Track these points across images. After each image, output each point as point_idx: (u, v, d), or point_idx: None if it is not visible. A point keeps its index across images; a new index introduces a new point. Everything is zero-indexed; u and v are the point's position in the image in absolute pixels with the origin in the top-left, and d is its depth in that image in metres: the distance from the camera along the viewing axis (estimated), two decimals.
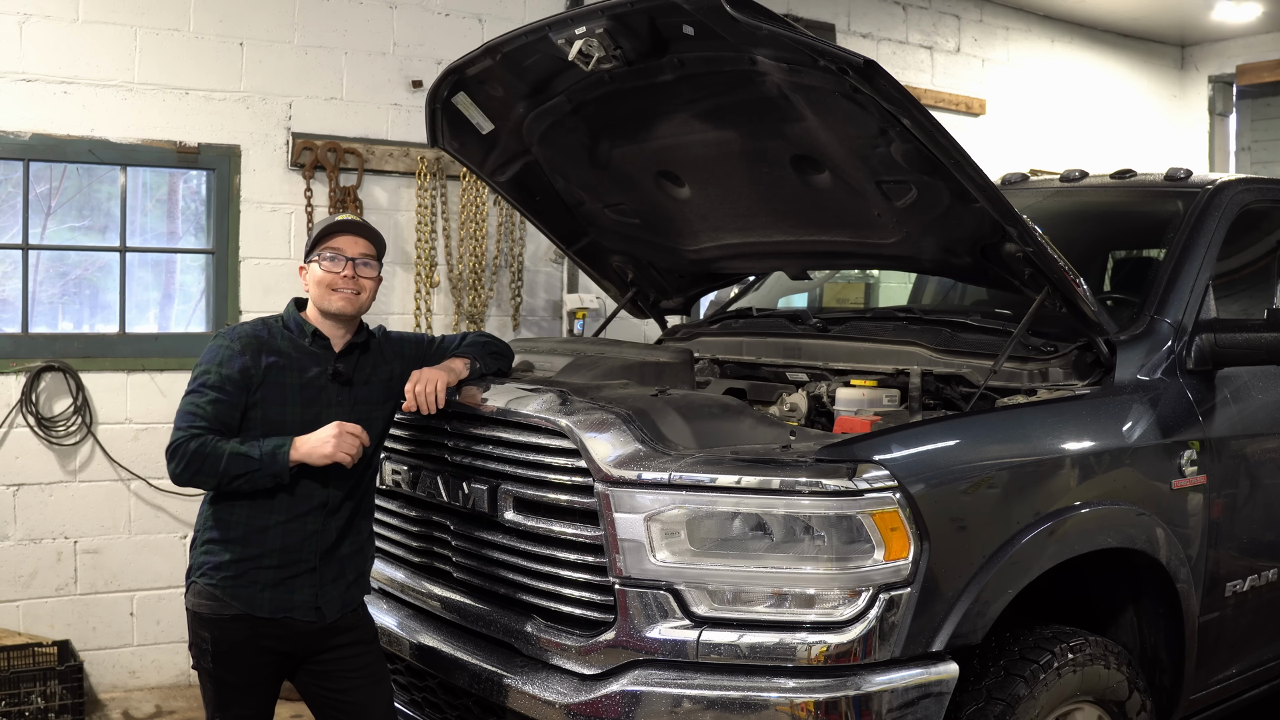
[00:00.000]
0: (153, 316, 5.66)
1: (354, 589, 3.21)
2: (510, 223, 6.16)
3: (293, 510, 3.06)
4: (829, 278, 5.84)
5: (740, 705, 2.70)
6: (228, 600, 3.03)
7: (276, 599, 3.05)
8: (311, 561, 3.09)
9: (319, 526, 3.10)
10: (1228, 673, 3.78)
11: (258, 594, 3.04)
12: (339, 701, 3.18)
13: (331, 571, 3.13)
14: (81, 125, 5.15)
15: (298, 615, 3.08)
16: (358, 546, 3.23)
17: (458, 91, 3.88)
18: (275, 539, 3.05)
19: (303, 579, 3.08)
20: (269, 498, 3.03)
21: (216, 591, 3.04)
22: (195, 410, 2.99)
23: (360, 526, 3.23)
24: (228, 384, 3.02)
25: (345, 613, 3.17)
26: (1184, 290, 3.67)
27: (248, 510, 3.04)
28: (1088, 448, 3.20)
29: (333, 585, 3.13)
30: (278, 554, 3.05)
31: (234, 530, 3.05)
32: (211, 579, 3.05)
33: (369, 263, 3.20)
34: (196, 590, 3.08)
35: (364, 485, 3.22)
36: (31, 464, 5.11)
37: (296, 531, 3.07)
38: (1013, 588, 2.94)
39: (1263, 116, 9.21)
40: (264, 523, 3.05)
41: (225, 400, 3.01)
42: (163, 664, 5.39)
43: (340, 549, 3.15)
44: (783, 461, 2.79)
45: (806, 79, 3.19)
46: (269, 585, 3.05)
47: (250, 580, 3.04)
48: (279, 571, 3.06)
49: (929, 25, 8.01)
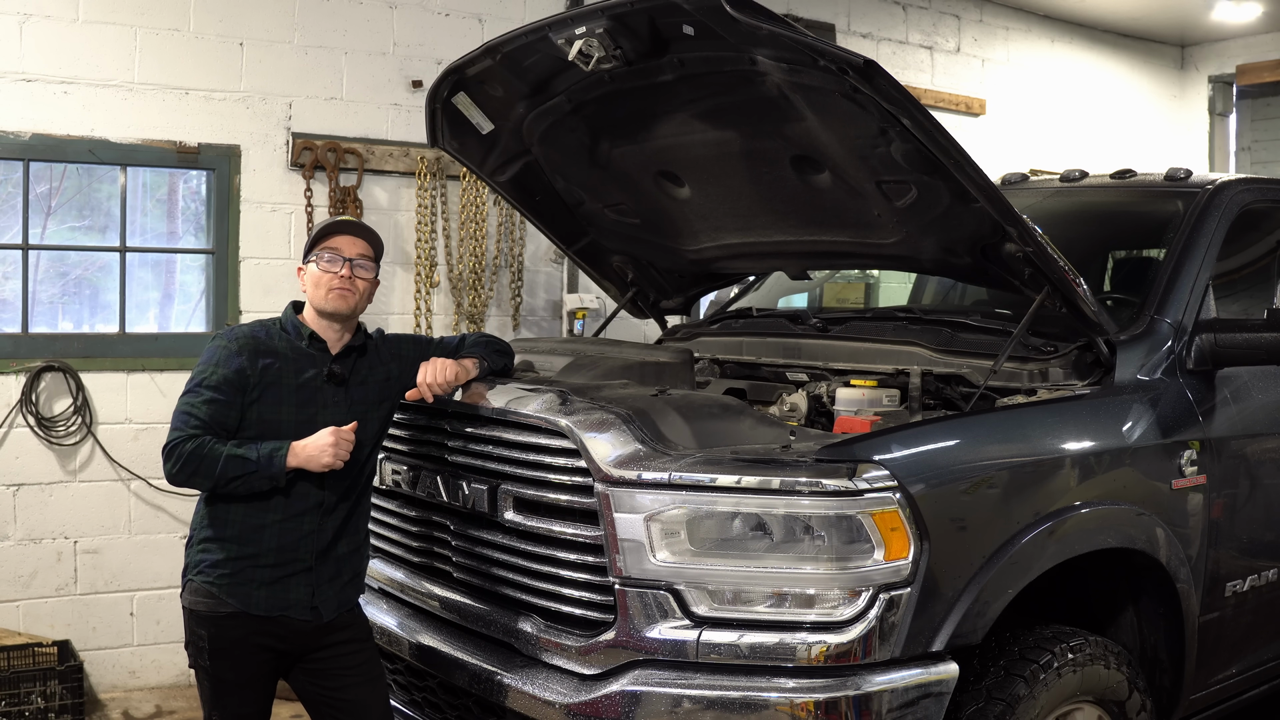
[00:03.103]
0: (153, 316, 5.66)
1: (350, 588, 3.21)
2: (510, 223, 6.16)
3: (288, 510, 3.06)
4: (829, 278, 5.84)
5: (740, 705, 2.70)
6: (224, 598, 3.04)
7: (272, 597, 3.06)
8: (308, 561, 3.09)
9: (315, 526, 3.10)
10: (1228, 673, 3.77)
11: (254, 592, 3.05)
12: (335, 700, 3.18)
13: (328, 571, 3.14)
14: (81, 125, 5.15)
15: (294, 614, 3.08)
16: (354, 546, 3.23)
17: (458, 91, 3.88)
18: (271, 538, 3.05)
19: (299, 578, 3.08)
20: (265, 498, 3.04)
21: (213, 589, 3.05)
22: (191, 411, 3.00)
23: (357, 526, 3.24)
24: (224, 385, 3.02)
25: (341, 612, 3.17)
26: (1184, 290, 3.67)
27: (244, 509, 3.04)
28: (1088, 448, 3.20)
29: (329, 585, 3.14)
30: (274, 553, 3.06)
31: (230, 529, 3.05)
32: (208, 576, 3.05)
33: (366, 264, 3.21)
34: (193, 588, 3.09)
35: (360, 486, 3.22)
36: (31, 464, 5.11)
37: (292, 531, 3.07)
38: (1013, 588, 2.94)
39: (1263, 116, 9.21)
40: (260, 521, 3.05)
41: (222, 401, 3.01)
42: (163, 664, 5.39)
43: (337, 548, 3.16)
44: (783, 461, 2.78)
45: (806, 79, 3.19)
46: (265, 584, 3.05)
47: (246, 578, 3.04)
48: (275, 570, 3.06)
49: (929, 25, 8.01)
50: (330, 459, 3.01)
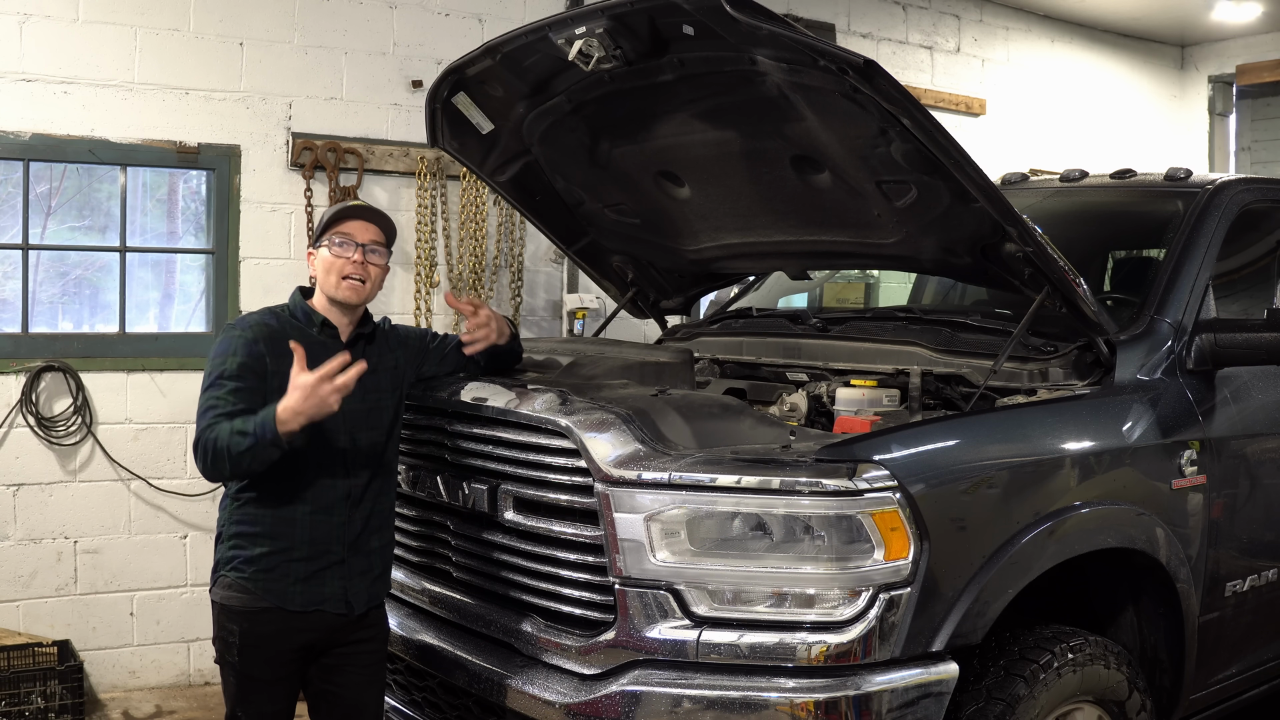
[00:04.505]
0: (153, 316, 5.66)
1: (379, 583, 3.21)
2: (510, 223, 6.16)
3: (317, 502, 3.05)
4: (829, 278, 5.84)
5: (740, 705, 2.70)
6: (259, 593, 3.02)
7: (308, 592, 3.05)
8: (340, 554, 3.09)
9: (345, 518, 3.10)
10: (1228, 673, 3.78)
11: (289, 588, 3.04)
12: (336, 696, 3.18)
13: (359, 564, 3.13)
14: (81, 125, 5.15)
15: (328, 608, 3.07)
16: (384, 541, 3.23)
17: (458, 91, 3.88)
18: (303, 531, 3.04)
19: (332, 570, 3.08)
20: (292, 490, 3.02)
21: (249, 585, 3.03)
22: (215, 404, 2.95)
23: (385, 520, 3.23)
24: (245, 371, 2.99)
25: (372, 605, 3.17)
26: (1184, 290, 3.67)
27: (274, 504, 3.03)
28: (1088, 448, 3.20)
29: (360, 578, 3.13)
30: (306, 545, 3.04)
31: (261, 524, 3.04)
32: (243, 572, 3.04)
33: (378, 250, 3.19)
34: (226, 584, 3.06)
35: (384, 474, 3.21)
36: (31, 464, 5.11)
37: (323, 523, 3.06)
38: (1013, 588, 2.94)
39: (1263, 116, 9.21)
40: (290, 515, 3.04)
41: (246, 387, 2.97)
42: (163, 664, 5.39)
43: (368, 542, 3.15)
44: (783, 461, 2.78)
45: (806, 79, 3.19)
46: (300, 579, 3.04)
47: (282, 574, 3.03)
48: (309, 564, 3.05)
49: (929, 25, 8.01)
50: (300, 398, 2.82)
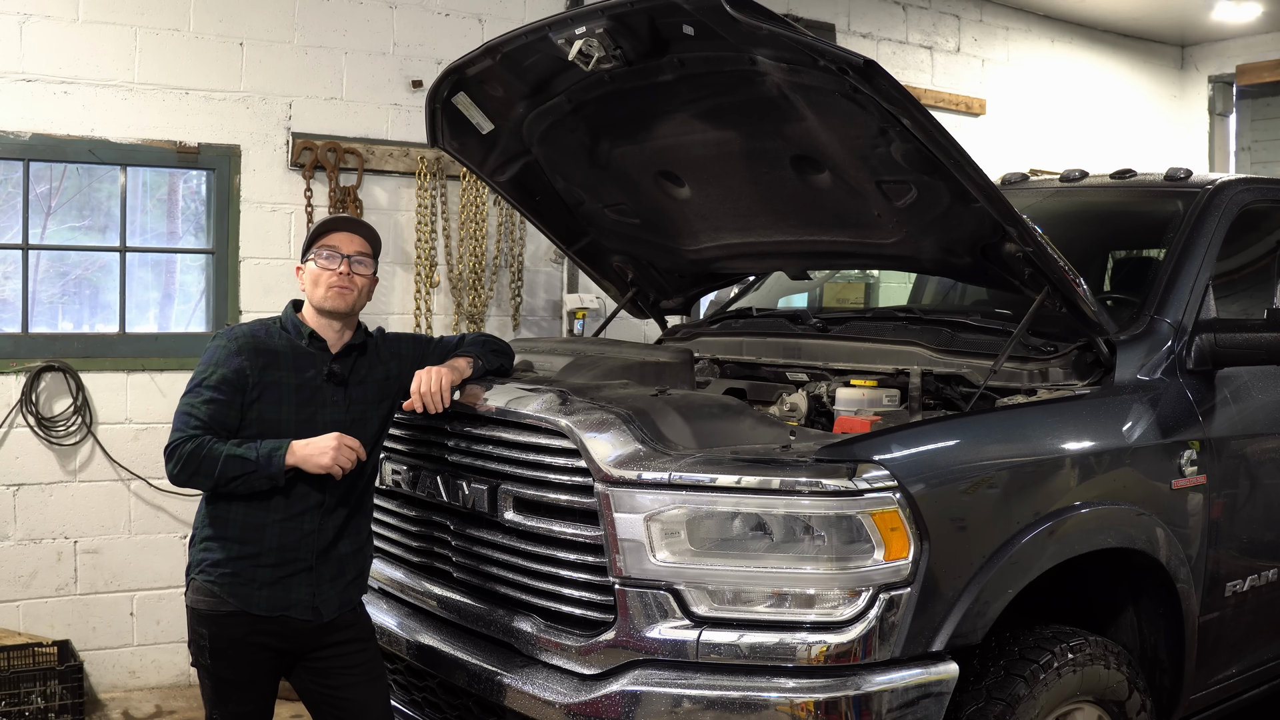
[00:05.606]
0: (153, 316, 5.66)
1: (352, 588, 3.21)
2: (510, 223, 6.16)
3: (289, 510, 3.06)
4: (829, 278, 5.84)
5: (740, 705, 2.70)
6: (225, 597, 3.04)
7: (274, 597, 3.06)
8: (309, 561, 3.09)
9: (315, 526, 3.10)
10: (1228, 673, 3.77)
11: (255, 592, 3.05)
12: (336, 699, 3.18)
13: (329, 571, 3.14)
14: (81, 125, 5.15)
15: (294, 614, 3.08)
16: (357, 546, 3.23)
17: (458, 91, 3.88)
18: (272, 538, 3.05)
19: (300, 578, 3.08)
20: (265, 497, 3.04)
21: (214, 588, 3.05)
22: (192, 411, 3.00)
23: (359, 526, 3.24)
24: (224, 385, 3.03)
25: (343, 612, 3.17)
26: (1184, 290, 3.67)
27: (244, 509, 3.04)
28: (1088, 448, 3.20)
29: (330, 585, 3.14)
30: (275, 553, 3.06)
31: (231, 528, 3.05)
32: (209, 575, 3.06)
33: (364, 260, 3.21)
34: (195, 587, 3.09)
35: (361, 486, 3.22)
36: (31, 464, 5.11)
37: (293, 531, 3.07)
38: (1013, 588, 2.94)
39: (1263, 116, 9.21)
40: (260, 521, 3.05)
41: (222, 400, 3.01)
42: (163, 664, 5.39)
43: (338, 548, 3.15)
44: (783, 461, 2.78)
45: (806, 79, 3.19)
46: (266, 583, 3.05)
47: (248, 578, 3.04)
48: (276, 570, 3.06)
49: (929, 25, 8.01)
50: (329, 462, 3.00)
